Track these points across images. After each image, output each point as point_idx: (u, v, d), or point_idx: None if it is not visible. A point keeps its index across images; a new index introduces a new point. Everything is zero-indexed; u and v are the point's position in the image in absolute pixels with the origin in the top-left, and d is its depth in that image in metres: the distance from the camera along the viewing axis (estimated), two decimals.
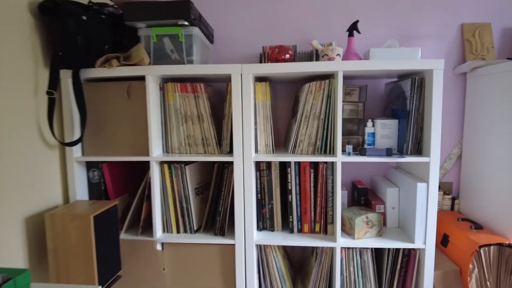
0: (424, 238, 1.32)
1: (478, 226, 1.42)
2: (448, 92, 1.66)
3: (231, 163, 1.41)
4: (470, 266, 1.29)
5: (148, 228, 1.50)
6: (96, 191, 1.46)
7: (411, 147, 1.35)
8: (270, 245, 1.45)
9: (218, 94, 1.72)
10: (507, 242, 1.28)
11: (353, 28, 1.49)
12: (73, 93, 1.31)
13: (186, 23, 1.29)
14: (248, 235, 1.38)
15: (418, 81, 1.32)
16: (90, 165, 1.45)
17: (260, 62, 1.66)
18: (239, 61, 1.74)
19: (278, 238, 1.40)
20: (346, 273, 1.41)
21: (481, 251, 1.28)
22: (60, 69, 1.30)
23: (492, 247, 1.28)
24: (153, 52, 1.34)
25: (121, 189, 1.52)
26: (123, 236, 1.43)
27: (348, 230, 1.42)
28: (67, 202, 1.42)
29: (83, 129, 1.32)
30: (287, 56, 1.41)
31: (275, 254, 1.46)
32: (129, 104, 1.40)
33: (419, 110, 1.33)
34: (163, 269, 1.42)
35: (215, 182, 1.47)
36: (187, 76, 1.41)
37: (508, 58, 1.45)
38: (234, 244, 1.39)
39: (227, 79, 1.49)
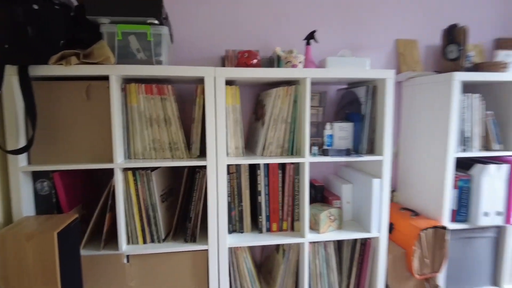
0: (379, 228, 1.49)
1: (416, 214, 1.67)
2: None
3: (202, 167, 1.39)
4: (414, 247, 1.51)
5: (109, 241, 1.38)
6: (45, 204, 1.28)
7: (366, 147, 1.51)
8: (241, 247, 1.47)
9: (180, 96, 1.67)
10: (440, 225, 1.53)
11: (310, 37, 1.60)
12: (21, 92, 1.13)
13: (156, 21, 1.23)
14: (222, 239, 1.37)
15: (372, 88, 1.49)
16: (37, 176, 1.27)
17: (223, 65, 1.66)
18: (198, 63, 1.71)
19: (249, 239, 1.43)
20: (312, 266, 1.51)
21: (422, 234, 1.51)
22: (6, 64, 1.11)
23: (430, 230, 1.51)
24: (117, 51, 1.24)
25: (74, 200, 1.36)
26: (82, 252, 1.29)
27: (313, 226, 1.52)
28: (9, 219, 1.22)
29: (33, 134, 1.15)
30: (255, 61, 1.44)
31: (245, 255, 1.49)
32: (87, 106, 1.27)
33: (372, 114, 1.50)
34: (131, 283, 1.33)
35: (185, 187, 1.43)
36: (151, 77, 1.34)
37: (435, 71, 1.73)
38: (207, 250, 1.37)
39: (195, 81, 1.45)
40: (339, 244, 1.60)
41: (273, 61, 1.64)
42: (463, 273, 1.65)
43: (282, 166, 1.48)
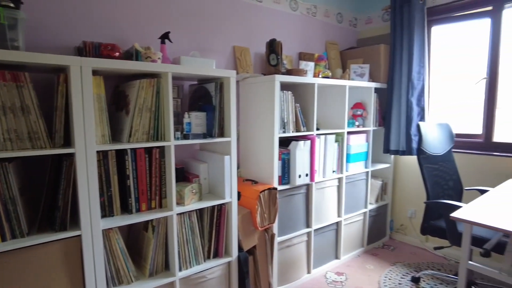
0: (231, 194, 1.88)
1: (255, 182, 2.15)
2: None
3: (69, 155, 1.40)
4: (256, 206, 1.97)
5: None
6: None
7: (218, 132, 1.87)
8: (113, 229, 1.56)
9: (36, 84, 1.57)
10: (272, 187, 2.06)
11: (165, 37, 1.82)
12: None
13: (11, 4, 1.19)
14: (95, 223, 1.44)
15: (219, 84, 1.85)
16: None
17: (80, 55, 1.66)
18: (50, 51, 1.64)
19: (122, 221, 1.54)
20: (180, 234, 1.75)
21: (261, 195, 1.99)
22: None
23: (266, 191, 2.02)
24: None
25: None
26: None
27: (179, 200, 1.76)
28: None
29: None
30: (117, 54, 1.55)
31: (117, 236, 1.58)
32: None
33: (221, 105, 1.87)
34: None
35: (49, 177, 1.40)
36: (7, 62, 1.26)
37: (263, 74, 2.26)
38: (80, 235, 1.41)
39: (54, 70, 1.43)
40: (200, 213, 1.90)
41: (131, 55, 1.77)
42: (288, 221, 2.26)
43: (149, 150, 1.65)
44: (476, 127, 2.67)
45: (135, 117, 1.58)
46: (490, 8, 2.51)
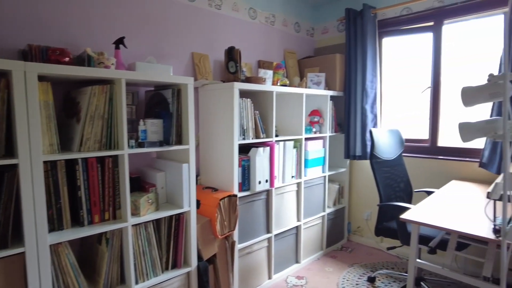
0: (189, 203, 1.85)
1: (215, 189, 2.14)
2: None
3: (11, 166, 1.31)
4: (216, 214, 1.96)
5: None
6: None
7: (175, 139, 1.84)
8: (62, 243, 1.47)
9: None
10: (232, 193, 2.06)
11: (119, 42, 1.77)
12: None
13: None
14: (41, 239, 1.35)
15: (176, 91, 1.82)
16: None
17: (25, 59, 1.56)
18: None
19: (72, 234, 1.46)
20: (136, 246, 1.69)
21: (221, 202, 1.98)
22: None
23: (226, 198, 2.01)
24: None
25: None
26: None
27: (134, 211, 1.71)
28: None
29: None
30: (67, 59, 1.48)
31: (68, 251, 1.50)
32: None
33: (178, 112, 1.84)
34: None
35: None
36: None
37: (222, 81, 2.27)
38: (23, 252, 1.31)
39: None
40: (157, 223, 1.84)
41: (82, 61, 1.70)
42: (249, 228, 2.26)
43: (101, 160, 1.58)
44: (423, 133, 2.86)
45: (87, 125, 1.51)
46: (431, 23, 2.72)
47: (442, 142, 2.76)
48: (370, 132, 2.36)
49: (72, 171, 1.53)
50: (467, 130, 1.13)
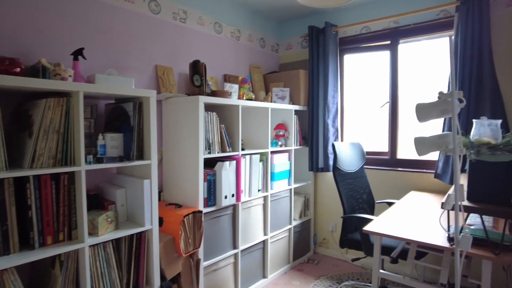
0: (151, 221, 1.78)
1: (179, 206, 2.08)
2: None
3: None
4: (180, 231, 1.90)
5: None
6: None
7: (136, 154, 1.77)
8: (7, 270, 1.34)
9: None
10: (197, 210, 2.01)
11: (78, 53, 1.70)
12: None
13: None
14: None
15: (138, 104, 1.77)
16: None
17: None
18: None
19: (19, 259, 1.34)
20: (93, 268, 1.58)
21: (185, 219, 1.92)
22: None
23: (190, 215, 1.96)
24: None
25: None
26: None
27: (91, 231, 1.61)
28: None
29: None
30: (18, 69, 1.39)
31: (14, 277, 1.37)
32: None
33: (140, 125, 1.79)
34: None
35: None
36: None
37: (186, 94, 2.24)
38: None
39: None
40: (117, 243, 1.75)
41: (37, 72, 1.60)
42: (214, 244, 2.21)
43: (56, 177, 1.49)
44: (383, 146, 2.99)
45: (40, 139, 1.42)
46: (388, 42, 2.89)
47: (401, 154, 2.89)
48: (333, 145, 2.43)
49: (22, 190, 1.42)
50: (422, 144, 1.20)
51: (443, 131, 2.43)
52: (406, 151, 2.89)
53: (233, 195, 2.27)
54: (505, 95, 2.25)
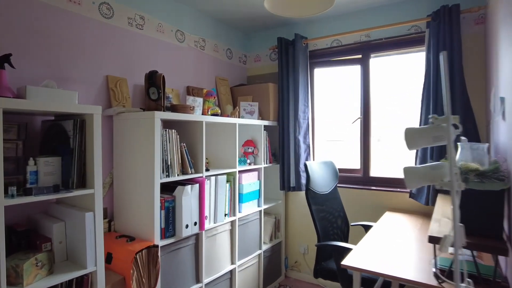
0: (95, 261, 1.49)
1: (132, 239, 1.79)
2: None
3: None
4: (132, 271, 1.61)
5: None
6: None
7: (76, 181, 1.48)
8: None
9: None
10: (152, 244, 1.73)
11: (4, 60, 1.40)
12: None
13: None
14: None
15: (80, 122, 1.49)
16: None
17: None
18: None
19: None
20: None
21: (137, 256, 1.64)
22: None
23: (144, 251, 1.68)
24: None
25: None
26: None
27: (14, 280, 1.29)
28: None
29: None
30: None
31: None
32: None
33: (82, 147, 1.50)
34: None
35: None
36: None
37: (141, 108, 1.97)
38: None
39: None
40: None
41: None
42: (174, 281, 1.93)
43: None
44: (355, 163, 2.86)
45: None
46: (359, 56, 2.79)
47: (374, 172, 2.78)
48: (305, 165, 2.25)
49: None
50: (412, 175, 1.04)
51: (423, 148, 2.32)
52: (379, 168, 2.78)
53: (195, 223, 2.01)
54: (476, 112, 2.19)
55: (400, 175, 2.64)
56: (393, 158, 2.77)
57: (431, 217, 2.32)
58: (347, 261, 1.58)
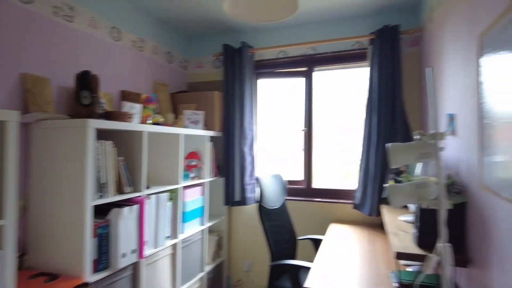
0: None
1: (54, 277, 1.44)
2: None
3: None
4: None
5: None
6: None
7: None
8: None
9: None
10: (81, 282, 1.41)
11: None
12: None
13: None
14: None
15: None
16: None
17: None
18: None
19: None
20: None
21: None
22: None
23: None
24: None
25: None
26: None
27: None
28: None
29: None
30: None
31: None
32: None
33: None
34: None
35: None
36: None
37: (69, 115, 1.63)
38: None
39: None
40: None
41: None
42: None
43: None
44: (299, 174, 2.84)
45: None
46: (305, 68, 2.80)
47: (316, 183, 2.78)
48: (257, 180, 2.13)
49: None
50: (396, 193, 0.98)
51: (367, 160, 2.37)
52: (321, 179, 2.80)
53: (133, 251, 1.72)
54: (413, 128, 2.34)
55: (342, 186, 2.70)
56: (333, 169, 2.82)
57: (376, 228, 2.43)
58: (310, 282, 1.48)
